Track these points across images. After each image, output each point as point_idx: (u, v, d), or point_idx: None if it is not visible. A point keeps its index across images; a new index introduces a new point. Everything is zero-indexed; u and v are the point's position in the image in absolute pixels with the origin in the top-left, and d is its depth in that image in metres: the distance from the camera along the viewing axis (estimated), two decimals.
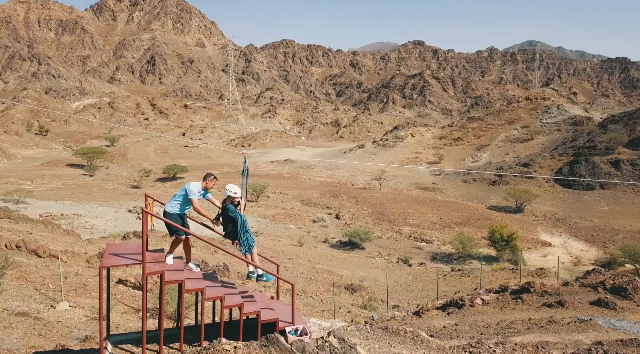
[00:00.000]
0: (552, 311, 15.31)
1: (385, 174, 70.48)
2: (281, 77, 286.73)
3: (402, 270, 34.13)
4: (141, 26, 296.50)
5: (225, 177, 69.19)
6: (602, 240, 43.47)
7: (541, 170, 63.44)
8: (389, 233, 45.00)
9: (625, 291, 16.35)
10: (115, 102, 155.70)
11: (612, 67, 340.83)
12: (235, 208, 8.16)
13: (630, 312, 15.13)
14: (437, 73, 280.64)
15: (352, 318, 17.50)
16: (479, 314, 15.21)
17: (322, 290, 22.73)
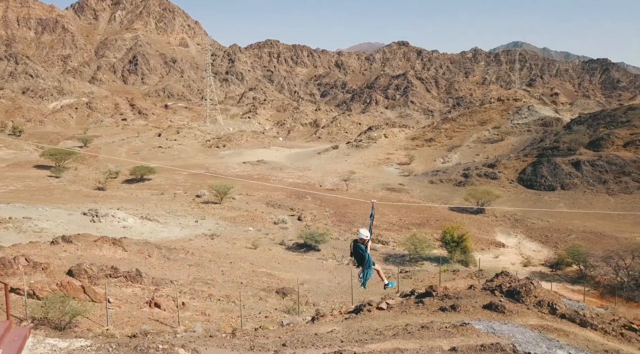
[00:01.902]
0: (443, 315, 15.55)
1: (354, 175, 70.77)
2: (265, 77, 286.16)
3: (349, 272, 34.27)
4: (123, 25, 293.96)
5: (192, 178, 69.05)
6: (555, 240, 44.13)
7: (506, 171, 64.21)
8: (347, 235, 45.20)
9: (519, 295, 16.66)
10: (93, 102, 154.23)
11: (594, 68, 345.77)
12: (365, 247, 10.42)
13: (518, 315, 15.42)
14: (421, 74, 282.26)
15: (262, 324, 17.59)
16: (372, 319, 15.37)
17: (249, 294, 22.79)
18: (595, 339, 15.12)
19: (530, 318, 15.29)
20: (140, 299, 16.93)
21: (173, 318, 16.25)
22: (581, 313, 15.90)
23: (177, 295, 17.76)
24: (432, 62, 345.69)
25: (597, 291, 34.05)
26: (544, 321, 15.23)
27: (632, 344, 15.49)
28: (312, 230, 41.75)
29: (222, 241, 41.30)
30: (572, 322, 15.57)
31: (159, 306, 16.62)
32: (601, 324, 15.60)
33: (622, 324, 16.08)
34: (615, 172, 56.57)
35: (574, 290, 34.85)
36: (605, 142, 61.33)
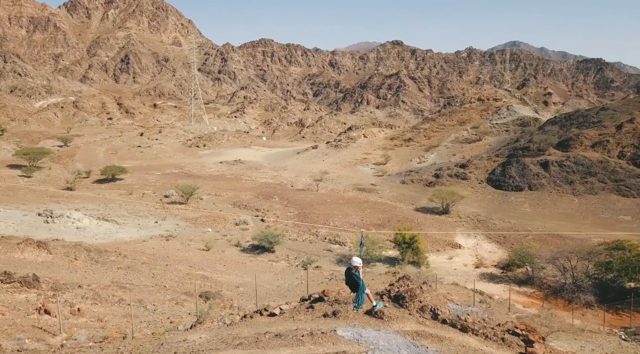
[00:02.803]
0: (322, 321, 15.38)
1: (327, 175, 70.72)
2: (258, 76, 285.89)
3: (295, 274, 34.30)
4: (116, 24, 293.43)
5: (164, 178, 68.87)
6: (512, 241, 44.12)
7: (476, 171, 64.18)
8: (306, 236, 45.18)
9: (403, 300, 16.55)
10: (80, 101, 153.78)
11: (588, 68, 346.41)
12: (359, 274, 11.78)
13: (397, 321, 15.26)
14: (414, 74, 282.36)
15: (158, 330, 17.50)
16: (250, 326, 15.20)
17: (167, 298, 22.69)
18: (472, 344, 15.00)
19: (408, 323, 15.15)
20: (31, 305, 16.83)
21: (63, 325, 16.16)
22: (463, 318, 15.77)
23: (75, 301, 17.65)
24: (426, 61, 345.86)
25: (542, 293, 34.05)
26: (422, 327, 15.10)
27: (512, 349, 15.38)
28: (266, 232, 41.64)
29: (177, 242, 41.22)
30: (453, 327, 15.44)
31: (49, 313, 16.49)
32: (482, 330, 15.46)
33: (506, 329, 15.98)
34: (582, 172, 56.56)
35: (520, 292, 34.92)
36: (574, 142, 61.29)
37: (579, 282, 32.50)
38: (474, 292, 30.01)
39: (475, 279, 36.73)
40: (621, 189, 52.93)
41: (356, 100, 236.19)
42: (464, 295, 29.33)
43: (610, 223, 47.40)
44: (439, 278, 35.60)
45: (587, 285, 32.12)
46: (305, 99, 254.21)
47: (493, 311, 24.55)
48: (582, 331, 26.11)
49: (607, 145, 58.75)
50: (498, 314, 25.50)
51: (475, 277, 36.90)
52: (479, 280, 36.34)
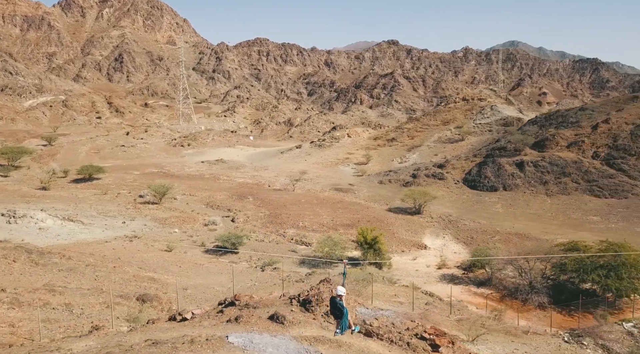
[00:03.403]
0: (221, 327, 15.21)
1: (306, 175, 70.58)
2: (252, 75, 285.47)
3: (251, 276, 34.20)
4: (111, 23, 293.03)
5: (142, 178, 68.68)
6: (479, 241, 44.00)
7: (453, 171, 64.05)
8: (273, 236, 45.03)
9: (310, 304, 16.36)
10: (70, 100, 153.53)
11: (584, 68, 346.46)
12: (343, 302, 12.55)
13: (299, 326, 15.04)
14: (408, 73, 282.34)
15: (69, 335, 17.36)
16: (146, 331, 15.01)
17: (100, 301, 22.51)
18: (374, 349, 14.83)
19: (309, 329, 14.95)
20: None
21: None
22: (368, 323, 15.60)
23: None
24: (421, 61, 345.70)
25: (500, 294, 33.93)
26: (323, 332, 14.90)
27: (417, 353, 15.27)
28: (229, 233, 41.49)
29: (140, 243, 41.09)
30: (358, 332, 15.29)
31: None
32: (388, 334, 15.30)
33: (414, 333, 15.81)
34: (557, 172, 56.45)
35: (477, 293, 34.75)
36: (550, 142, 61.17)
37: (534, 283, 32.36)
38: (420, 293, 29.88)
39: (435, 280, 36.70)
40: (593, 189, 52.82)
41: (349, 99, 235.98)
42: (411, 297, 29.17)
43: (579, 223, 47.29)
44: (396, 279, 35.55)
45: (541, 286, 31.98)
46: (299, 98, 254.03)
47: (430, 313, 24.40)
48: (525, 333, 25.98)
49: (582, 146, 58.63)
50: (438, 317, 25.40)
51: (435, 278, 36.81)
52: (438, 281, 36.22)
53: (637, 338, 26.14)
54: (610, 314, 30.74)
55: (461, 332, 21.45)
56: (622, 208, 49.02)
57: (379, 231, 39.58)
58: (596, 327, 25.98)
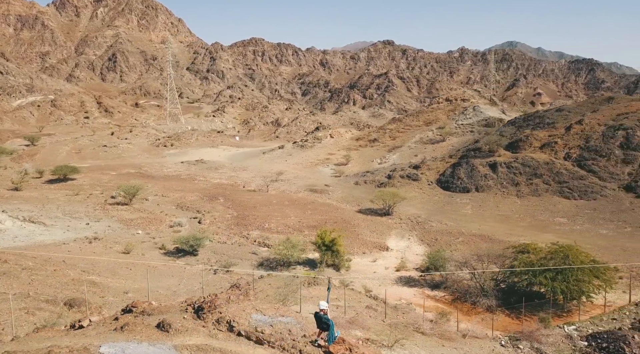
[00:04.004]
0: (105, 335, 14.93)
1: (282, 176, 70.41)
2: (247, 75, 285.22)
3: (202, 279, 33.88)
4: (105, 23, 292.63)
5: (118, 178, 68.38)
6: (442, 243, 43.77)
7: (428, 172, 63.86)
8: (236, 238, 44.78)
9: (202, 311, 16.09)
10: (58, 99, 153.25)
11: (579, 68, 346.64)
12: (327, 316, 13.39)
13: (185, 334, 14.57)
14: (403, 73, 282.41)
15: None
16: (30, 341, 14.69)
17: (20, 307, 22.20)
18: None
19: (195, 337, 14.63)
20: None
21: None
22: (260, 330, 15.32)
23: None
24: (416, 61, 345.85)
25: (452, 296, 33.72)
26: (209, 341, 14.59)
27: None
28: (188, 235, 41.24)
29: (99, 245, 40.89)
30: (248, 340, 15.01)
31: None
32: (280, 342, 15.01)
33: (309, 341, 15.55)
34: (529, 174, 56.26)
35: (430, 296, 34.53)
36: (523, 143, 60.97)
37: (484, 286, 32.14)
38: (365, 296, 29.65)
39: (391, 282, 36.48)
40: (564, 191, 52.62)
41: (342, 100, 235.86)
42: (355, 301, 28.95)
43: (546, 225, 47.09)
44: (349, 282, 35.36)
45: (490, 289, 31.76)
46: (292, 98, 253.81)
47: (361, 318, 24.15)
48: (463, 337, 25.78)
49: (555, 147, 58.43)
50: (369, 321, 25.17)
51: (391, 280, 36.58)
52: (394, 283, 36.02)
53: (575, 341, 25.97)
54: (559, 317, 30.60)
55: (386, 337, 21.18)
56: (590, 209, 48.82)
57: (338, 233, 39.31)
58: (535, 331, 25.77)
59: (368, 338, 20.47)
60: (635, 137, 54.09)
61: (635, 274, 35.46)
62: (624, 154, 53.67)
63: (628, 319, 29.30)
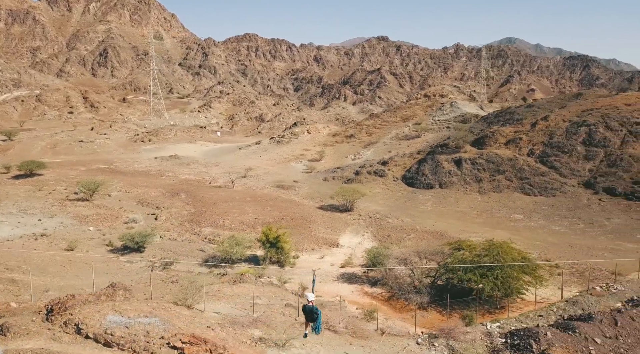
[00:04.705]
0: None
1: (252, 172, 70.14)
2: (239, 71, 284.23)
3: (137, 276, 33.71)
4: (97, 17, 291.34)
5: (86, 174, 68.01)
6: (393, 240, 43.53)
7: (395, 168, 63.55)
8: (187, 235, 44.48)
9: (52, 312, 15.71)
10: (44, 95, 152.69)
11: (574, 65, 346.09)
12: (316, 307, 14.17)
13: (23, 337, 14.21)
14: (395, 69, 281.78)
15: None
16: None
17: None
18: None
19: (35, 340, 14.27)
20: None
21: None
22: (109, 332, 14.97)
23: None
24: (411, 57, 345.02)
25: (390, 293, 33.47)
26: (50, 344, 14.20)
27: None
28: (134, 232, 40.94)
29: (45, 241, 40.62)
30: (96, 342, 14.70)
31: None
32: (130, 344, 14.71)
33: (167, 342, 15.26)
34: (492, 170, 55.95)
35: (367, 293, 34.30)
36: (489, 139, 60.63)
37: (417, 283, 31.91)
38: (291, 294, 29.40)
39: (332, 279, 36.21)
40: (524, 187, 52.32)
41: (334, 95, 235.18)
42: (277, 298, 28.65)
43: (500, 221, 46.81)
44: (287, 279, 35.10)
45: (422, 286, 31.53)
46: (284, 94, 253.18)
47: (266, 317, 23.83)
48: (381, 334, 25.52)
49: (519, 143, 58.09)
50: (277, 320, 24.88)
51: (333, 277, 36.35)
52: (335, 280, 35.79)
53: (494, 338, 25.71)
54: (490, 314, 30.41)
55: (281, 336, 20.81)
56: (547, 206, 48.54)
57: (285, 230, 39.04)
58: (454, 328, 25.49)
59: (262, 338, 20.16)
60: (597, 134, 53.75)
61: (575, 270, 35.23)
62: (586, 150, 53.35)
63: (554, 315, 29.07)
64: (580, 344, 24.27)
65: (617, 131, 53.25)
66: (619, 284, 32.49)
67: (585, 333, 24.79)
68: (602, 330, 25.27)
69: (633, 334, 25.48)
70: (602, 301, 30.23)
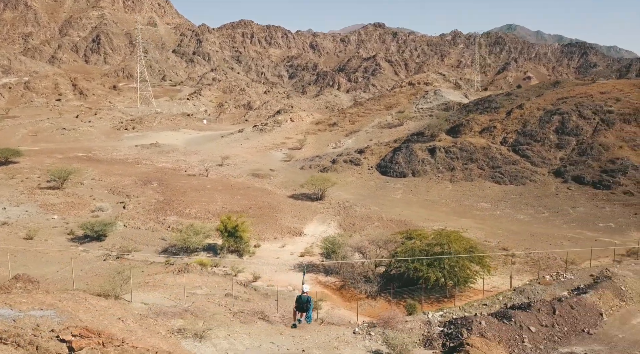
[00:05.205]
0: None
1: (229, 160, 69.88)
2: (233, 58, 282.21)
3: (88, 266, 33.65)
4: (90, 3, 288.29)
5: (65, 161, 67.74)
6: (358, 228, 43.46)
7: (371, 157, 63.28)
8: (151, 224, 44.36)
9: None
10: (32, 81, 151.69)
11: (572, 52, 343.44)
12: (309, 297, 15.61)
13: None
14: (391, 57, 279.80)
15: None
16: None
17: None
18: None
19: None
20: None
21: None
22: None
23: None
24: (407, 44, 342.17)
25: (343, 282, 33.45)
26: None
27: None
28: (95, 221, 40.82)
29: (4, 230, 40.54)
30: None
31: None
32: (15, 338, 14.50)
33: (55, 335, 15.07)
34: (465, 158, 55.67)
35: (321, 282, 34.25)
36: (464, 128, 60.22)
37: (366, 272, 31.86)
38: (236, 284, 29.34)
39: (288, 268, 36.13)
40: (496, 176, 52.09)
41: (327, 83, 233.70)
42: (220, 288, 28.58)
43: (467, 210, 46.68)
44: (242, 268, 35.02)
45: (372, 275, 31.49)
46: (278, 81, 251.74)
47: (194, 308, 23.73)
48: (320, 324, 25.52)
49: (493, 131, 57.71)
50: (214, 308, 24.86)
51: (289, 266, 36.29)
52: (290, 269, 35.75)
53: (433, 327, 25.72)
54: (439, 302, 30.44)
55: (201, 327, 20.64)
56: (516, 194, 48.38)
57: (244, 219, 38.86)
58: (394, 317, 25.48)
59: (182, 328, 20.07)
60: (570, 122, 53.33)
61: (530, 259, 35.17)
62: (559, 139, 52.99)
63: (499, 304, 29.08)
64: (514, 332, 24.35)
65: (590, 119, 52.83)
66: (569, 273, 32.52)
67: (521, 322, 24.90)
68: (538, 319, 25.38)
69: (570, 322, 25.58)
70: (549, 290, 30.27)
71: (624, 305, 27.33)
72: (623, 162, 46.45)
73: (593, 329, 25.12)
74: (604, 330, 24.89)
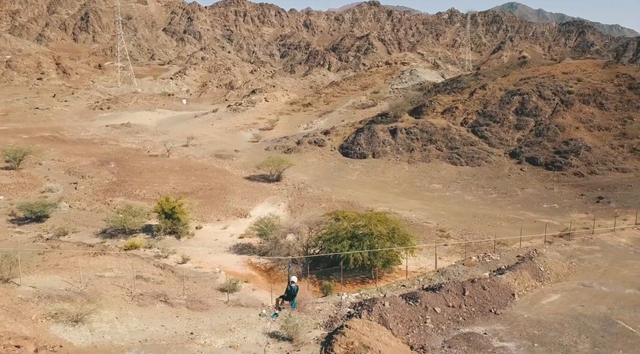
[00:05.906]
0: None
1: (195, 140, 69.34)
2: (224, 37, 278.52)
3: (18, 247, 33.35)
4: None
5: (28, 142, 67.20)
6: (304, 209, 43.21)
7: (335, 138, 62.71)
8: (97, 204, 44.09)
9: None
10: (14, 60, 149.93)
11: (570, 31, 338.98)
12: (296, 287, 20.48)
13: None
14: (384, 36, 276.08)
15: None
16: None
17: None
18: None
19: None
20: None
21: None
22: None
23: None
24: (402, 23, 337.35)
25: (273, 264, 33.32)
26: None
27: None
28: (32, 201, 40.48)
29: None
30: None
31: None
32: None
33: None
34: (425, 140, 55.13)
35: (252, 264, 34.11)
36: (427, 108, 59.49)
37: (293, 253, 31.69)
38: (152, 265, 29.21)
39: (223, 250, 35.95)
40: (453, 157, 51.64)
41: (318, 62, 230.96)
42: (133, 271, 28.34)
43: (417, 191, 46.37)
44: (173, 250, 34.79)
45: (298, 256, 31.33)
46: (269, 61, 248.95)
47: (106, 289, 23.56)
48: (226, 306, 25.38)
49: (455, 112, 57.00)
50: (107, 290, 24.68)
51: (225, 248, 36.12)
52: (226, 251, 35.61)
53: (343, 308, 25.60)
54: (363, 282, 30.33)
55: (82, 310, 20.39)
56: (469, 176, 48.01)
57: (182, 201, 38.54)
58: (303, 298, 25.34)
59: (59, 312, 19.80)
60: (530, 103, 52.58)
61: (464, 241, 34.93)
62: (517, 120, 52.35)
63: (418, 285, 28.94)
64: (417, 313, 24.18)
65: (550, 100, 52.07)
66: (497, 254, 32.35)
67: (427, 302, 24.73)
68: (446, 300, 25.20)
69: (480, 302, 25.41)
70: (471, 271, 30.14)
71: (540, 285, 27.18)
72: (576, 142, 45.90)
73: (501, 309, 24.97)
74: (511, 310, 24.75)
